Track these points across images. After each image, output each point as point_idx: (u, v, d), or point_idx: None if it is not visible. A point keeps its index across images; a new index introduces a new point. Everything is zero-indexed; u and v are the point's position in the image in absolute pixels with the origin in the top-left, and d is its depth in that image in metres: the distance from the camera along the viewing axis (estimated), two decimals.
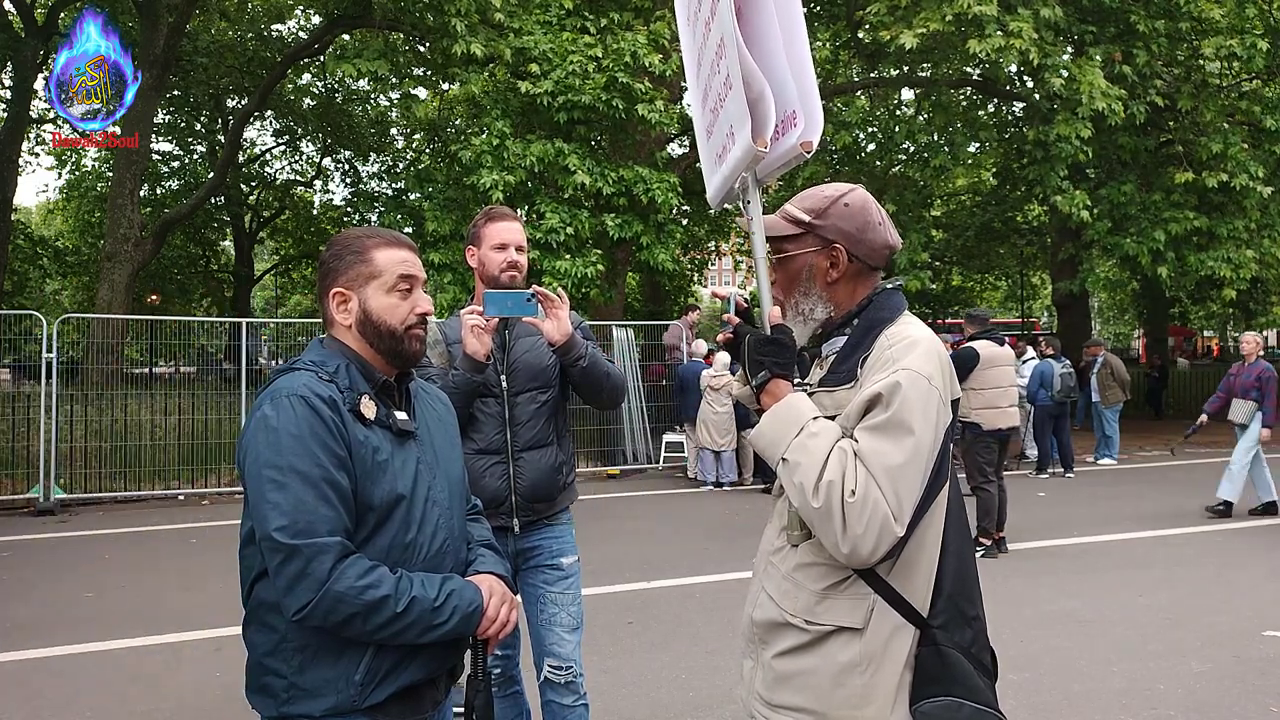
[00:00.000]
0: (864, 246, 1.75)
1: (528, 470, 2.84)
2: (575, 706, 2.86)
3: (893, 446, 1.52)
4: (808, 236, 1.76)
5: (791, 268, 1.79)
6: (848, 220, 1.75)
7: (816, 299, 1.77)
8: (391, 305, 1.79)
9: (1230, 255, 13.66)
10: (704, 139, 2.07)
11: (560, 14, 12.32)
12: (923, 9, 11.92)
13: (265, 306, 36.62)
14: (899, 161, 17.12)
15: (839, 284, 1.77)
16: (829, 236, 1.75)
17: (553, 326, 2.72)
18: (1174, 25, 13.25)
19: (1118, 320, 37.19)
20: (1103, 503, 9.22)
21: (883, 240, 1.77)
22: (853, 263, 1.75)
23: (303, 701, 1.65)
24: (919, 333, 1.68)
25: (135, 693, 4.37)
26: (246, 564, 1.71)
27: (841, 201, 1.76)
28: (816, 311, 1.77)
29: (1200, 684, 4.39)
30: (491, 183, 11.44)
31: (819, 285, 1.77)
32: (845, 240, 1.74)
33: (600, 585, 6.03)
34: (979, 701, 1.57)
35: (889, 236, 1.78)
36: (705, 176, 2.09)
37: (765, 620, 1.73)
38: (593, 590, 5.67)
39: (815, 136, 1.72)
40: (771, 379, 1.66)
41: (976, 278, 26.67)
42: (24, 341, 11.02)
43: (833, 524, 1.51)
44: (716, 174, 1.96)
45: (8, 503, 9.72)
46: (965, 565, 1.67)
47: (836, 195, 1.78)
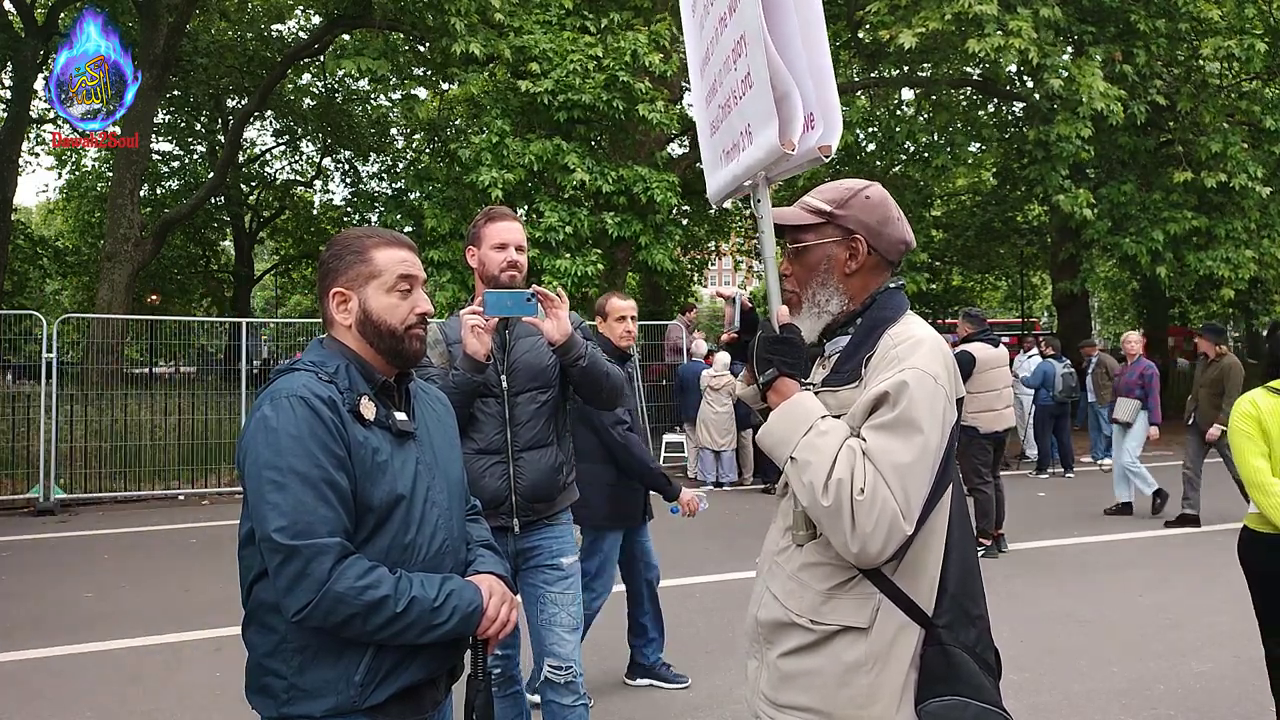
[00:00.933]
0: (883, 240, 1.76)
1: (528, 470, 2.84)
2: (575, 706, 2.86)
3: (901, 445, 1.52)
4: (828, 227, 1.77)
5: (809, 259, 1.78)
6: (869, 212, 1.76)
7: (833, 290, 1.77)
8: (391, 305, 1.79)
9: (1229, 255, 13.67)
10: (707, 134, 2.06)
11: (560, 14, 12.31)
12: (922, 8, 11.91)
13: (265, 306, 36.60)
14: (899, 161, 17.12)
15: (855, 276, 1.77)
16: (850, 227, 1.75)
17: (552, 326, 2.72)
18: (1174, 25, 13.25)
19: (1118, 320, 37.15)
20: (1103, 502, 9.21)
21: (900, 236, 1.78)
22: (871, 255, 1.76)
23: (303, 702, 1.65)
24: (923, 332, 1.68)
25: (135, 693, 4.37)
26: (246, 564, 1.71)
27: (863, 194, 1.77)
28: (832, 304, 1.77)
29: (1200, 684, 4.39)
30: (490, 181, 11.44)
31: (836, 276, 1.77)
32: (866, 232, 1.75)
33: None
34: (984, 700, 1.57)
35: (906, 233, 1.79)
36: (707, 172, 2.08)
37: (770, 620, 1.73)
38: None
39: (834, 140, 1.72)
40: (779, 377, 1.66)
41: (976, 278, 26.64)
42: (24, 341, 11.02)
43: (842, 522, 1.51)
44: (723, 170, 1.95)
45: (8, 503, 9.72)
46: (969, 564, 1.67)
47: (858, 188, 1.78)
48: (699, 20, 2.07)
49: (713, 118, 2.01)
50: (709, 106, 2.03)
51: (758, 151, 1.70)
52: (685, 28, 2.19)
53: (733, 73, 1.80)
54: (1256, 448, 3.23)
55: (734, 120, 1.83)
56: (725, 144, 1.92)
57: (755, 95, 1.67)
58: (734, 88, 1.80)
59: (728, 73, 1.83)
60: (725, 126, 1.91)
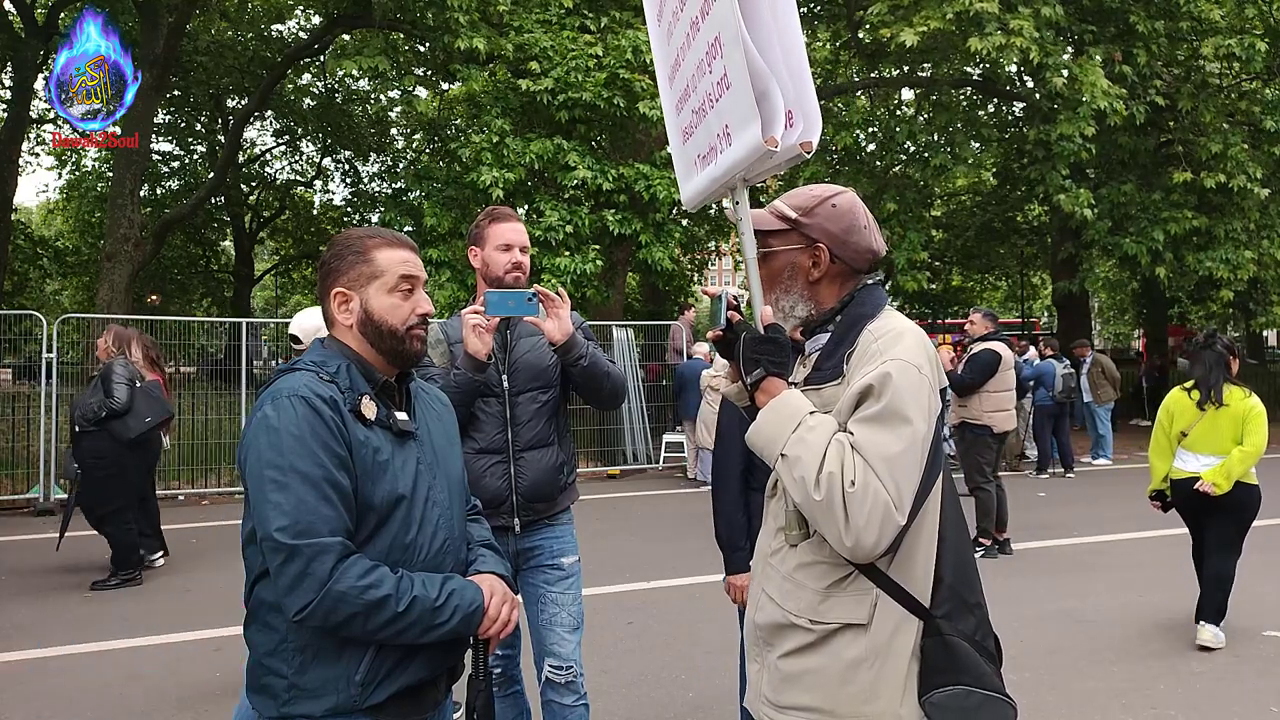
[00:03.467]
0: (848, 249, 1.76)
1: (529, 470, 2.84)
2: (576, 706, 2.86)
3: (889, 436, 1.53)
4: (793, 234, 1.77)
5: (774, 264, 1.79)
6: (834, 221, 1.76)
7: (798, 297, 1.77)
8: (393, 305, 1.79)
9: (1229, 256, 13.67)
10: (679, 142, 2.05)
11: (560, 12, 12.32)
12: (923, 7, 11.91)
13: (265, 306, 36.60)
14: (899, 161, 17.12)
15: (820, 284, 1.77)
16: (813, 235, 1.75)
17: (554, 326, 2.73)
18: (1174, 25, 13.25)
19: (1118, 320, 37.16)
20: (1103, 503, 9.22)
21: (866, 245, 1.77)
22: (835, 264, 1.76)
23: (303, 701, 1.65)
24: (903, 325, 1.68)
25: (135, 693, 4.37)
26: (248, 564, 1.72)
27: (830, 202, 1.77)
28: (797, 309, 1.78)
29: (1200, 684, 4.39)
30: (491, 180, 11.43)
31: (800, 284, 1.77)
32: (829, 241, 1.75)
33: (600, 585, 6.03)
34: (987, 688, 1.58)
35: (874, 242, 1.78)
36: (680, 177, 2.08)
37: (768, 623, 1.73)
38: (593, 590, 5.67)
39: (815, 137, 1.72)
40: (767, 377, 1.66)
41: (976, 278, 26.65)
42: (24, 341, 11.02)
43: (835, 516, 1.51)
44: (699, 176, 1.95)
45: (8, 503, 9.71)
46: (962, 554, 1.67)
47: (825, 195, 1.78)
48: (666, 29, 2.05)
49: (685, 124, 2.00)
50: (680, 113, 2.02)
51: (738, 151, 1.70)
52: (651, 37, 2.17)
53: (707, 76, 1.79)
54: (1162, 430, 5.08)
55: (710, 123, 1.83)
56: (700, 149, 1.92)
57: (734, 95, 1.67)
58: (709, 91, 1.79)
59: (702, 76, 1.83)
60: (700, 131, 1.90)
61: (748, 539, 2.91)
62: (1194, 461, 4.92)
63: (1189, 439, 4.94)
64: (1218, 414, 4.86)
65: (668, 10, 2.02)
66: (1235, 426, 4.82)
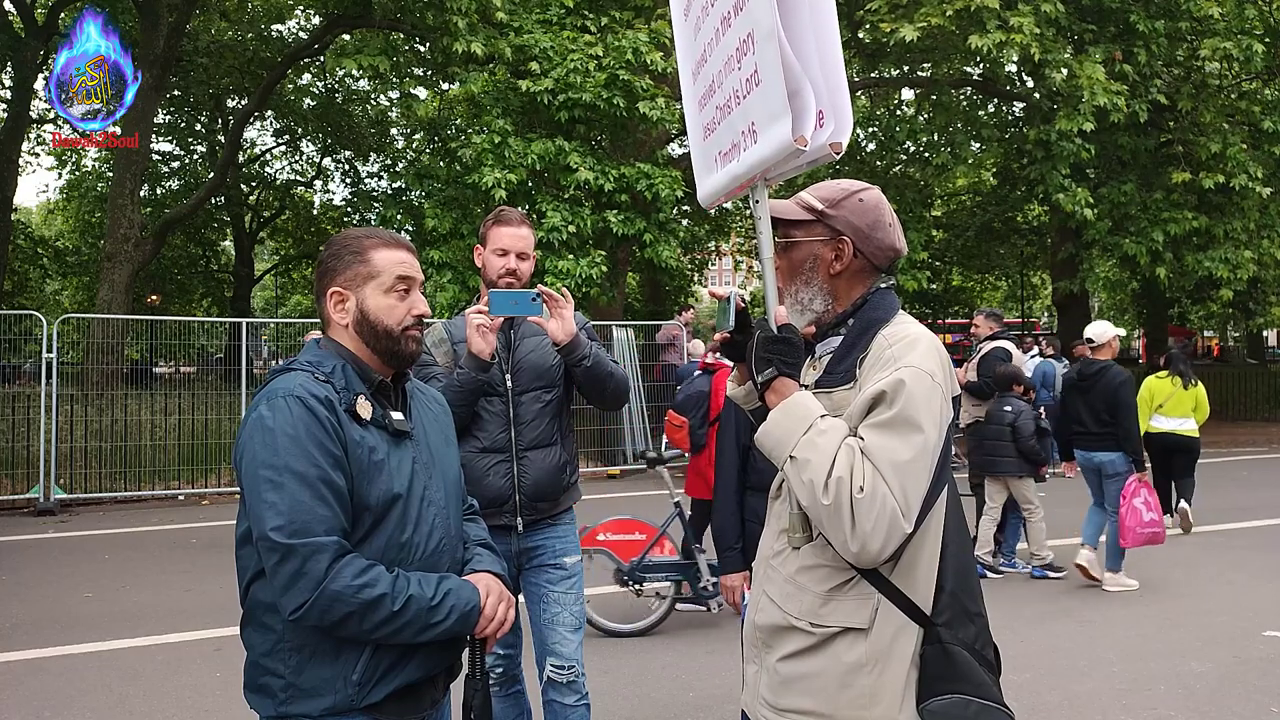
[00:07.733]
0: (871, 244, 1.75)
1: (532, 469, 2.84)
2: (577, 706, 2.86)
3: (899, 443, 1.52)
4: (817, 225, 1.76)
5: (796, 255, 1.78)
6: (860, 215, 1.75)
7: (817, 290, 1.76)
8: (389, 306, 1.79)
9: (1228, 256, 13.66)
10: (700, 138, 2.03)
11: (560, 13, 12.30)
12: (923, 5, 11.91)
13: (265, 306, 36.60)
14: (899, 161, 17.11)
15: (840, 278, 1.76)
16: (838, 228, 1.75)
17: (557, 326, 2.73)
18: (1174, 25, 13.25)
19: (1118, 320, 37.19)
20: None
21: (890, 242, 1.77)
22: (857, 259, 1.75)
23: (301, 701, 1.65)
24: (917, 331, 1.67)
25: (135, 693, 4.37)
26: (243, 564, 1.71)
27: (857, 196, 1.76)
28: (815, 303, 1.77)
29: (1200, 684, 4.39)
30: (494, 181, 11.42)
31: (821, 276, 1.76)
32: (854, 234, 1.74)
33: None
34: (985, 697, 1.57)
35: (897, 240, 1.78)
36: (698, 176, 2.05)
37: (768, 624, 1.72)
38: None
39: (845, 138, 1.70)
40: (778, 377, 1.65)
41: (976, 278, 26.65)
42: (24, 341, 11.01)
43: (842, 521, 1.50)
44: (719, 172, 1.93)
45: (8, 503, 9.71)
46: (965, 562, 1.67)
47: (853, 189, 1.78)
48: (694, 23, 2.03)
49: (707, 120, 1.98)
50: (704, 109, 2.00)
51: (765, 149, 1.67)
52: (676, 32, 2.15)
53: (736, 71, 1.77)
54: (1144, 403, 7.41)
55: (735, 120, 1.81)
56: (723, 145, 1.89)
57: (764, 92, 1.64)
58: (737, 87, 1.77)
59: (730, 72, 1.80)
60: (723, 128, 1.88)
61: (739, 540, 2.91)
62: (1167, 422, 7.70)
63: (1164, 408, 7.72)
64: (1184, 393, 7.67)
65: (695, 5, 1.99)
66: (1192, 400, 7.70)
